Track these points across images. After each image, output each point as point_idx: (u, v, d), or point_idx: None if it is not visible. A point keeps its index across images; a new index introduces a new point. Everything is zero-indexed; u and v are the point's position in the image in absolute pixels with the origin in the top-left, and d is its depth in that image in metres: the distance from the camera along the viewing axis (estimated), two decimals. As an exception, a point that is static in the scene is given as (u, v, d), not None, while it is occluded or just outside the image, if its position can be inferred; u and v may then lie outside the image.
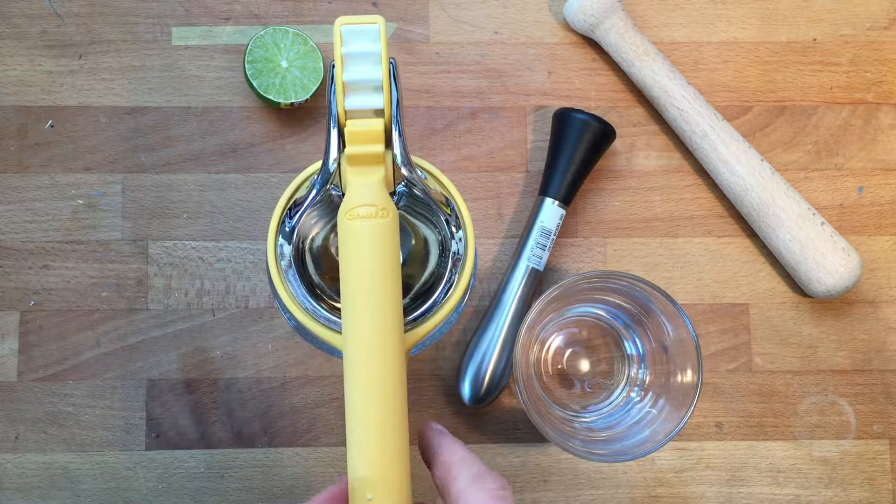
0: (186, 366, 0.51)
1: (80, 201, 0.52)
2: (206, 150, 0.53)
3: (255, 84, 0.51)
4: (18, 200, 0.52)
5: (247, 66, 0.51)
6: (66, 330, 0.51)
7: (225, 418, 0.51)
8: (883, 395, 0.53)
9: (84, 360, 0.51)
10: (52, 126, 0.53)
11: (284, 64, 0.51)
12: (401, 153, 0.35)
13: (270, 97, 0.51)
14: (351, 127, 0.34)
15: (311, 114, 0.54)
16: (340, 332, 0.35)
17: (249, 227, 0.53)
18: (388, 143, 0.35)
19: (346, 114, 0.35)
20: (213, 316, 0.52)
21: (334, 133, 0.35)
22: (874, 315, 0.54)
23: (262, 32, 0.52)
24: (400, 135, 0.35)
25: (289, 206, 0.38)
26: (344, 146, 0.35)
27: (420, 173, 0.37)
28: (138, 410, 0.51)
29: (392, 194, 0.37)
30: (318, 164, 0.38)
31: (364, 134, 0.34)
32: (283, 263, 0.38)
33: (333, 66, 0.35)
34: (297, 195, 0.39)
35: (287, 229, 0.38)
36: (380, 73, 0.34)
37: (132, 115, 0.53)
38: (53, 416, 0.51)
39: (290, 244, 0.38)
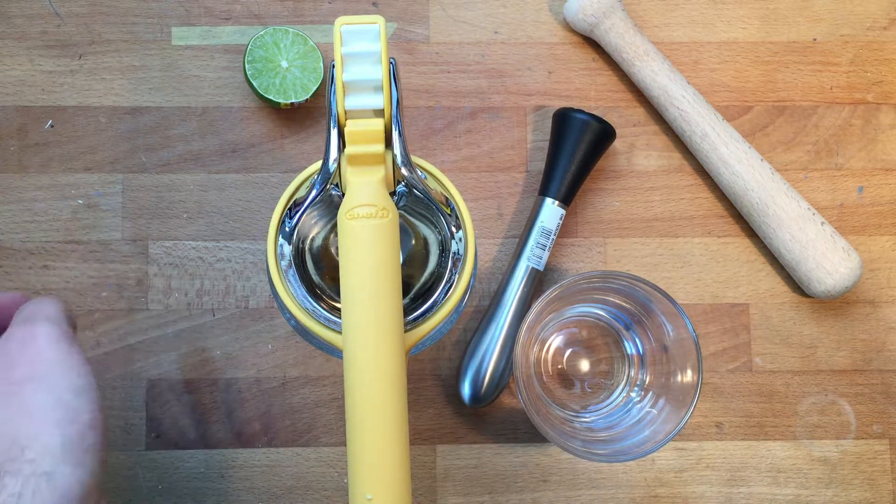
0: (186, 366, 0.51)
1: (80, 201, 0.52)
2: (206, 150, 0.53)
3: (255, 84, 0.51)
4: (18, 200, 0.52)
5: (247, 66, 0.51)
6: (66, 330, 0.51)
7: (225, 418, 0.51)
8: (883, 395, 0.53)
9: (84, 360, 0.51)
10: (52, 126, 0.53)
11: (284, 64, 0.51)
12: (401, 153, 0.35)
13: (270, 97, 0.51)
14: (351, 127, 0.34)
15: (311, 114, 0.54)
16: (340, 332, 0.35)
17: (249, 227, 0.53)
18: (388, 143, 0.35)
19: (346, 114, 0.35)
20: (213, 316, 0.52)
21: (334, 133, 0.35)
22: (874, 315, 0.54)
23: (262, 32, 0.52)
24: (400, 135, 0.35)
25: (289, 206, 0.38)
26: (344, 146, 0.35)
27: (420, 173, 0.37)
28: (138, 410, 0.51)
29: (392, 194, 0.37)
30: (318, 164, 0.38)
31: (364, 134, 0.34)
32: (283, 263, 0.38)
33: (333, 66, 0.35)
34: (297, 195, 0.39)
35: (287, 229, 0.38)
36: (380, 73, 0.34)
37: (132, 115, 0.53)
38: (53, 416, 0.51)
39: (290, 244, 0.38)
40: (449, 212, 0.38)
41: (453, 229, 0.38)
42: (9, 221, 0.52)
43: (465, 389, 0.50)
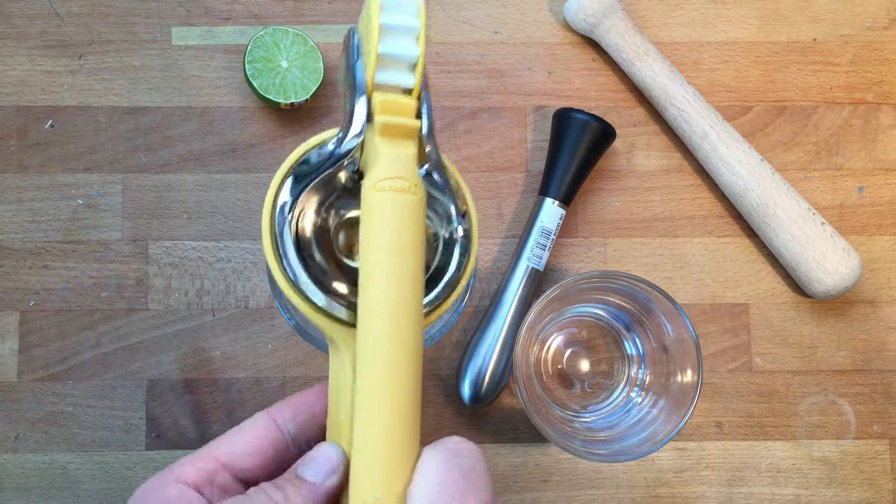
0: (186, 366, 0.51)
1: (80, 201, 0.52)
2: (206, 150, 0.53)
3: (255, 84, 0.51)
4: (18, 200, 0.52)
5: (247, 66, 0.51)
6: (66, 330, 0.51)
7: (225, 418, 0.51)
8: (883, 395, 0.53)
9: (84, 360, 0.51)
10: (52, 126, 0.53)
11: (284, 64, 0.51)
12: (427, 134, 0.34)
13: (270, 97, 0.51)
14: (383, 97, 0.33)
15: (311, 114, 0.54)
16: (323, 317, 0.34)
17: (249, 227, 0.53)
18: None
19: (374, 86, 0.33)
20: (213, 316, 0.52)
21: (361, 102, 0.33)
22: (874, 315, 0.54)
23: (262, 32, 0.52)
24: (428, 116, 0.34)
25: (286, 177, 0.37)
26: (371, 118, 0.33)
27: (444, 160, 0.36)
28: (138, 410, 0.51)
29: None
30: (319, 138, 0.36)
31: (398, 105, 0.33)
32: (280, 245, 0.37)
33: (354, 33, 0.33)
34: (298, 170, 0.37)
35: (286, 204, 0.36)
36: (417, 50, 0.32)
37: (132, 115, 0.53)
38: (53, 416, 0.51)
39: (288, 223, 0.36)
40: (464, 207, 0.37)
41: (461, 226, 0.38)
42: (9, 221, 0.52)
43: (465, 389, 0.50)
